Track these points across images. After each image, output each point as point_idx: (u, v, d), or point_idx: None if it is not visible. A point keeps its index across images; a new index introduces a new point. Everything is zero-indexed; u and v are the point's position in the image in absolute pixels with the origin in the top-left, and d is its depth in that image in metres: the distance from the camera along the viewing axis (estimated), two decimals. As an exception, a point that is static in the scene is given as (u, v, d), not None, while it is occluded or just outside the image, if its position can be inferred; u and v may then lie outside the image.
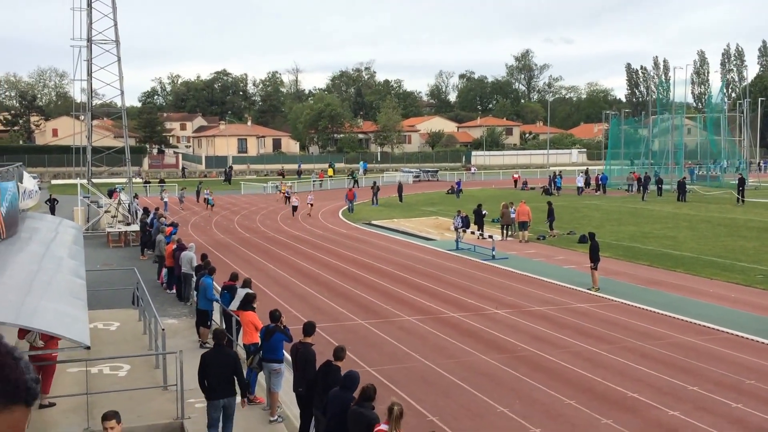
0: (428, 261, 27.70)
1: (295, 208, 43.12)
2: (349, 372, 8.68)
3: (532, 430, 11.25)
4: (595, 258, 21.80)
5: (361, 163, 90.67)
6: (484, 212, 34.47)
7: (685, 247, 29.72)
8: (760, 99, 79.64)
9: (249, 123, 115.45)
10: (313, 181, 72.20)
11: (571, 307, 19.77)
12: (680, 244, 30.60)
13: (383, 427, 7.68)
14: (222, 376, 10.16)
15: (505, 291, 21.88)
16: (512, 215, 33.65)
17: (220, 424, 10.20)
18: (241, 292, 14.18)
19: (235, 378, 10.23)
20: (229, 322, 14.02)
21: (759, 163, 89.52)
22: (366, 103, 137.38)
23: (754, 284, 22.48)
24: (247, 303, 12.66)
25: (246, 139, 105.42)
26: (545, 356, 15.14)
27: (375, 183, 52.00)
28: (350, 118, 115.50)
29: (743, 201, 46.66)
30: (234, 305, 14.18)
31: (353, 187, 57.70)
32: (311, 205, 44.85)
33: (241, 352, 13.17)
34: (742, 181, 49.33)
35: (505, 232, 33.87)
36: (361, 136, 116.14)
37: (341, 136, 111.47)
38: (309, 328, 10.27)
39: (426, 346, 15.97)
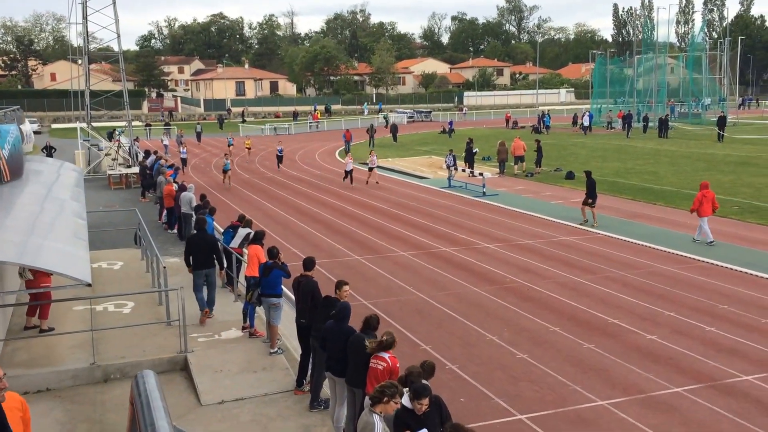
0: (422, 198, 27.66)
1: (349, 174, 31.13)
2: (341, 303, 8.69)
3: (519, 356, 11.40)
4: (592, 195, 21.44)
5: (378, 103, 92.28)
6: (474, 150, 34.37)
7: (665, 181, 29.69)
8: (739, 38, 78.56)
9: (246, 66, 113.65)
10: (309, 123, 71.55)
11: (557, 240, 19.83)
12: (661, 178, 30.58)
13: (384, 355, 7.71)
14: (202, 254, 12.74)
15: (495, 226, 21.91)
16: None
17: (205, 289, 12.76)
18: (242, 232, 14.14)
19: (214, 255, 12.89)
20: (229, 260, 14.03)
21: (742, 100, 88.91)
22: (361, 46, 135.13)
23: (729, 215, 22.58)
24: (257, 239, 12.61)
25: (243, 82, 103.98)
26: (533, 287, 15.25)
27: (372, 125, 51.32)
28: (345, 60, 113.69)
29: (722, 137, 46.34)
30: (235, 243, 14.13)
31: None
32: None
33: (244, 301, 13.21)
34: (722, 119, 48.93)
35: (502, 167, 34.13)
36: (356, 78, 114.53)
37: (337, 78, 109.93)
38: (309, 263, 10.26)
39: (419, 279, 16.05)
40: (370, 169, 31.27)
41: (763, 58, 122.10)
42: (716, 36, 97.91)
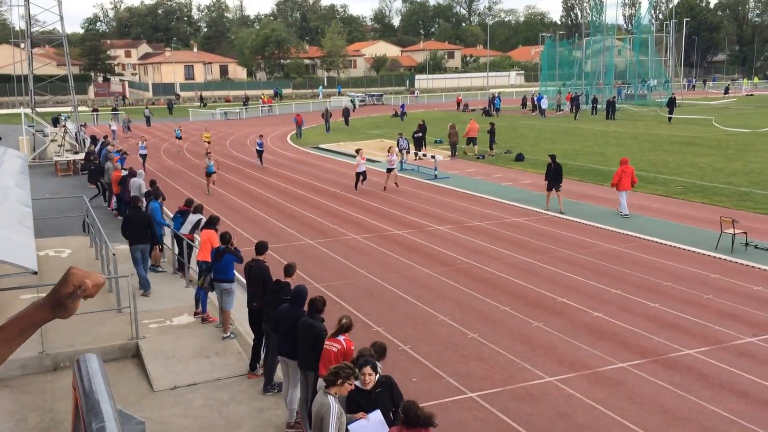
0: (373, 181, 27.69)
1: (361, 176, 25.46)
2: (297, 287, 8.71)
3: (470, 335, 11.59)
4: (558, 179, 20.94)
5: (338, 86, 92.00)
6: (417, 135, 34.44)
7: (613, 162, 30.29)
8: (685, 20, 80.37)
9: (195, 50, 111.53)
10: (261, 107, 70.78)
11: (507, 221, 20.14)
12: (608, 159, 31.24)
13: (339, 337, 7.76)
14: (138, 230, 13.74)
15: (446, 208, 22.12)
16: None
17: (141, 263, 13.67)
18: (192, 218, 13.98)
19: (149, 231, 13.88)
20: (180, 246, 13.88)
21: (692, 80, 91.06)
22: (311, 29, 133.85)
23: (673, 195, 23.25)
24: (211, 224, 12.49)
25: (193, 65, 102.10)
26: (483, 267, 15.49)
27: (327, 109, 50.91)
28: (296, 43, 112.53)
29: (671, 119, 47.45)
30: (185, 229, 13.99)
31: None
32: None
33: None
34: (672, 101, 49.97)
35: (453, 150, 34.44)
36: (307, 61, 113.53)
37: (288, 62, 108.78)
38: (261, 248, 10.22)
39: (372, 262, 16.15)
40: (389, 171, 25.58)
41: (708, 39, 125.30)
42: (662, 18, 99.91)
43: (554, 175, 21.02)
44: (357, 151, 26.30)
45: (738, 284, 13.92)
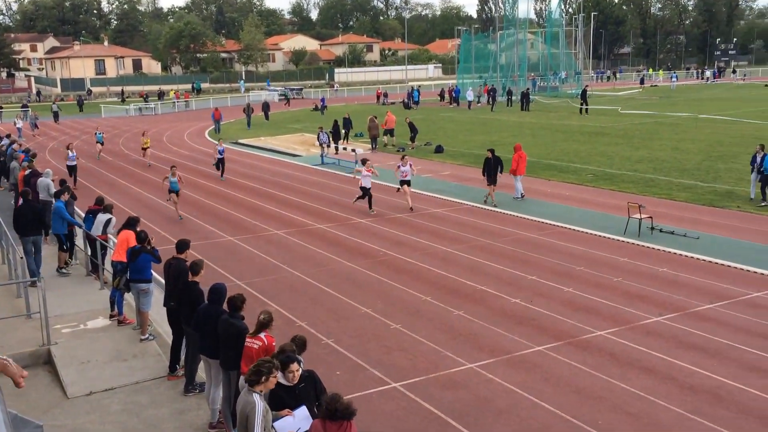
0: (295, 176, 27.51)
1: (367, 194, 20.37)
2: (215, 285, 8.54)
3: (393, 326, 11.69)
4: (497, 173, 20.73)
5: (267, 81, 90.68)
6: (331, 131, 34.35)
7: (527, 152, 31.01)
8: (592, 14, 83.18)
9: (106, 43, 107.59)
10: (175, 102, 68.96)
11: (428, 212, 20.37)
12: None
13: (260, 334, 7.66)
14: (29, 221, 14.04)
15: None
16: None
17: (32, 255, 13.75)
18: (101, 218, 13.48)
19: (40, 223, 14.21)
20: (93, 247, 13.38)
21: (600, 72, 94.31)
22: (228, 22, 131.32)
23: (585, 182, 24.08)
24: (130, 224, 12.04)
25: (104, 60, 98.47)
26: (405, 259, 15.63)
27: (248, 104, 49.93)
28: (212, 37, 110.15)
29: (587, 110, 48.90)
30: (96, 230, 13.48)
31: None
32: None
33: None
34: (585, 92, 51.46)
35: (374, 143, 34.56)
36: (224, 55, 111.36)
37: (204, 55, 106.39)
38: (181, 246, 9.97)
39: (294, 257, 16.03)
40: (402, 184, 20.79)
41: (614, 33, 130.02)
42: (571, 12, 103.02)
43: (493, 169, 20.76)
44: (363, 161, 21.03)
45: (645, 266, 14.56)
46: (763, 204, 19.56)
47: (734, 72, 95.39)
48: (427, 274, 14.53)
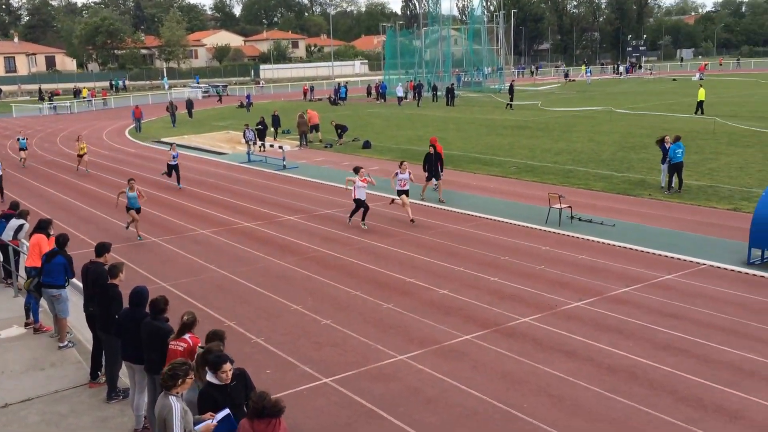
0: (221, 175, 27.08)
1: (361, 206, 17.96)
2: (136, 288, 8.32)
3: (323, 322, 11.68)
4: (440, 168, 20.55)
5: (196, 77, 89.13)
6: (256, 128, 33.96)
7: (453, 146, 31.58)
8: (512, 11, 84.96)
9: (16, 39, 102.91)
10: (91, 100, 66.63)
11: (355, 207, 20.38)
12: (449, 143, 32.45)
13: (184, 336, 7.51)
14: None
15: (296, 198, 22.05)
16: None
17: None
18: (13, 223, 12.93)
19: None
20: (5, 253, 12.81)
21: (522, 67, 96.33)
22: (147, 17, 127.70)
23: (508, 175, 24.64)
24: (41, 228, 11.58)
25: (14, 57, 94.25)
26: (334, 255, 15.62)
27: (171, 102, 48.59)
28: (131, 33, 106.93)
29: (512, 106, 49.87)
30: (6, 236, 12.91)
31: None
32: None
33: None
34: (512, 88, 52.41)
35: (302, 139, 34.35)
36: (144, 51, 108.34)
37: (123, 52, 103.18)
38: (100, 249, 9.66)
39: (221, 256, 15.79)
40: (400, 194, 18.56)
41: (533, 29, 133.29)
42: (493, 9, 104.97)
43: (435, 165, 20.53)
44: (356, 170, 18.08)
45: (565, 254, 15.02)
46: (669, 192, 20.44)
47: (640, 68, 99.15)
48: (357, 269, 14.58)
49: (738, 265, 13.85)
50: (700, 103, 40.36)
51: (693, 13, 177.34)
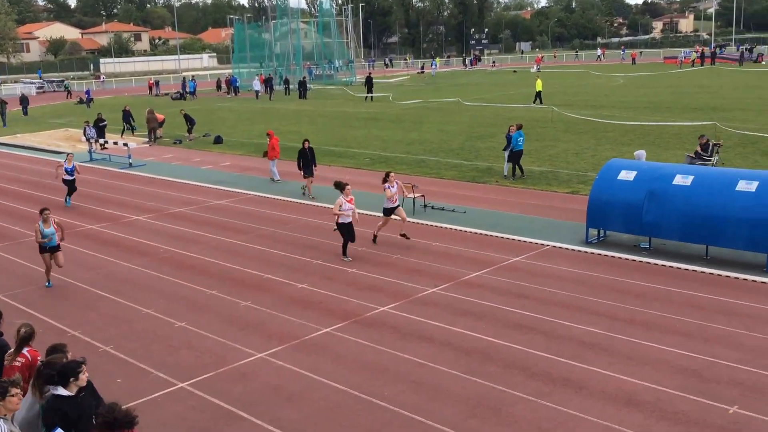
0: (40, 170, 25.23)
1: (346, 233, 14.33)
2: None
3: (178, 325, 11.19)
4: (312, 165, 19.93)
5: (38, 71, 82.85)
6: (103, 123, 32.23)
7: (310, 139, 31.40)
8: (360, 5, 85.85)
9: None
10: None
11: (209, 204, 19.78)
12: (303, 137, 32.16)
13: (23, 351, 6.89)
14: None
15: (144, 197, 21.01)
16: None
17: None
18: None
19: None
20: None
21: (372, 60, 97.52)
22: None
23: (362, 166, 24.88)
24: None
25: None
26: (187, 254, 15.03)
27: (2, 99, 44.35)
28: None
29: (372, 98, 50.21)
30: None
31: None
32: None
33: None
34: (369, 80, 52.75)
35: (152, 135, 32.92)
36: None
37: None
38: None
39: (64, 262, 14.67)
40: (389, 212, 15.27)
41: (382, 23, 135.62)
42: (341, 2, 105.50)
43: (310, 161, 19.97)
44: (338, 185, 14.28)
45: (420, 242, 15.36)
46: (513, 178, 21.49)
47: (480, 60, 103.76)
48: (212, 267, 14.11)
49: (578, 245, 14.79)
50: (538, 94, 42.80)
51: (529, 9, 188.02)
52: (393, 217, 15.30)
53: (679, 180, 13.79)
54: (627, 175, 14.50)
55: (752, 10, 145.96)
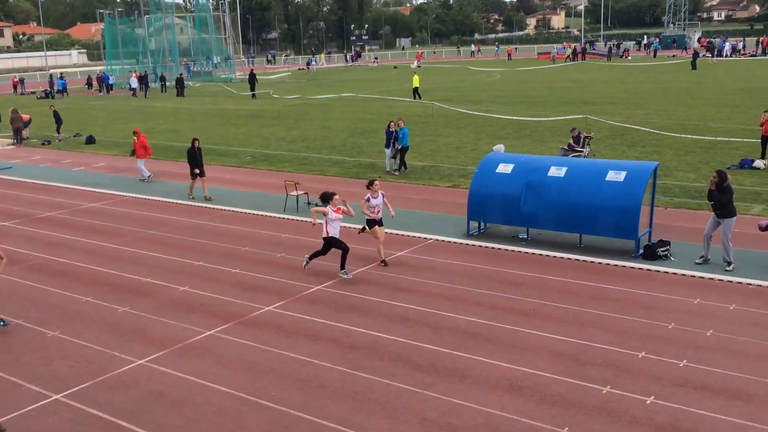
0: None
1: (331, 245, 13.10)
2: None
3: (51, 334, 10.60)
4: (199, 165, 19.08)
5: None
6: None
7: (186, 138, 30.48)
8: (238, 0, 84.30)
9: None
10: None
11: (83, 207, 18.83)
12: (182, 135, 31.36)
13: None
14: None
15: (10, 201, 19.70)
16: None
17: None
18: None
19: None
20: None
21: (252, 56, 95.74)
22: None
23: (244, 165, 24.49)
24: None
25: None
26: (59, 260, 14.24)
27: None
28: None
29: (255, 95, 49.24)
30: None
31: None
32: None
33: None
34: (252, 76, 51.59)
35: (17, 137, 30.93)
36: None
37: None
38: None
39: None
40: (372, 225, 13.97)
41: (261, 19, 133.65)
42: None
43: (199, 161, 19.10)
44: (324, 197, 13.23)
45: (304, 240, 15.27)
46: (398, 173, 21.84)
47: (360, 56, 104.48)
48: (87, 273, 13.44)
49: (460, 238, 15.24)
50: (415, 89, 43.58)
51: (408, 5, 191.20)
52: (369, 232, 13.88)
53: (553, 172, 14.47)
54: (505, 168, 15.06)
55: (618, 7, 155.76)
